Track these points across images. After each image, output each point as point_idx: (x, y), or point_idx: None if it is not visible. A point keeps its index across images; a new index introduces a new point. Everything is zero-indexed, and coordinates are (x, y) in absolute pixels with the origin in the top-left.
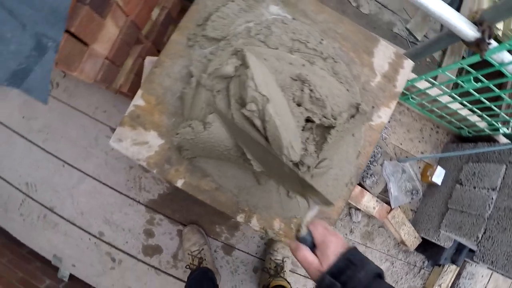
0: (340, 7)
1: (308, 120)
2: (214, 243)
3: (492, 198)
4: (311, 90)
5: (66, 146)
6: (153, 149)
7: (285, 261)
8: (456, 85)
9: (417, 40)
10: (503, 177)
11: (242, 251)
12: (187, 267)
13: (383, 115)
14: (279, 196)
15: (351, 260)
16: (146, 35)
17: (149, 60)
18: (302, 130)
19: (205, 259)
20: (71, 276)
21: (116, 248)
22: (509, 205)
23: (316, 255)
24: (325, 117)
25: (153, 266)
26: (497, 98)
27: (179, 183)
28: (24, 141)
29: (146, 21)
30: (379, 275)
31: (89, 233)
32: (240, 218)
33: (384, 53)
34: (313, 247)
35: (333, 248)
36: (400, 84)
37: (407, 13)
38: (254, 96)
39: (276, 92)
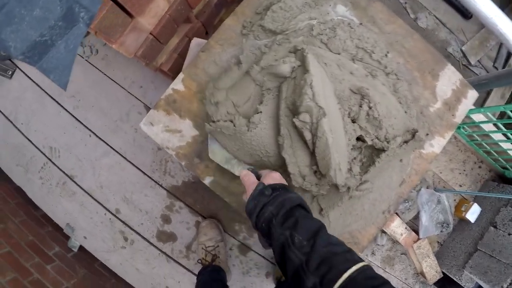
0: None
1: (359, 138)
2: (231, 241)
3: None
4: (370, 108)
5: (96, 116)
6: (185, 139)
7: None
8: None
9: (470, 63)
10: None
11: (258, 253)
12: (199, 261)
13: (436, 145)
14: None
15: (286, 187)
16: (197, 14)
17: (196, 42)
18: (351, 148)
19: (218, 257)
20: (81, 248)
21: (131, 228)
22: None
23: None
24: (378, 139)
25: (164, 253)
26: None
27: (207, 181)
28: (55, 104)
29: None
30: (304, 206)
31: (106, 208)
32: None
33: (449, 78)
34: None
35: (275, 177)
36: (459, 115)
37: (464, 34)
38: (310, 106)
39: (333, 104)
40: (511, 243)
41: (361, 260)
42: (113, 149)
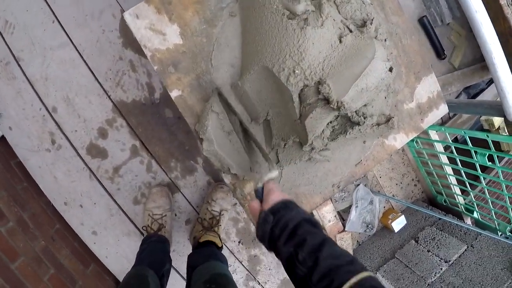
0: None
1: None
2: (162, 176)
3: (442, 269)
4: None
5: (67, 3)
6: (167, 44)
7: (223, 214)
8: (462, 153)
9: None
10: (460, 256)
11: (185, 197)
12: (144, 228)
13: (399, 140)
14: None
15: (286, 204)
16: None
17: None
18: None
19: (164, 226)
20: (2, 139)
21: (63, 131)
22: (453, 282)
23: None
24: (356, 112)
25: (89, 168)
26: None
27: (174, 94)
28: None
29: None
30: (311, 221)
31: (43, 103)
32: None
33: (429, 85)
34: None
35: (274, 197)
36: (427, 122)
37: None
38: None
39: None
40: (428, 259)
41: (364, 270)
42: (73, 43)
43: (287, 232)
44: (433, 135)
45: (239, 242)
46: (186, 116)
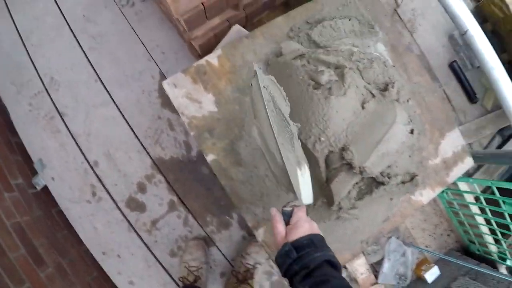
0: None
1: None
2: (198, 230)
3: None
4: None
5: (109, 65)
6: (203, 112)
7: (257, 267)
8: (492, 203)
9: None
10: None
11: (220, 251)
12: (180, 279)
13: (425, 196)
14: None
15: (313, 241)
16: (245, 6)
17: (237, 28)
18: (355, 172)
19: (200, 278)
20: (45, 188)
21: (103, 184)
22: None
23: (286, 230)
24: (381, 173)
25: (128, 220)
26: None
27: (209, 158)
28: (72, 38)
29: None
30: (331, 262)
31: (85, 157)
32: (248, 220)
33: (453, 141)
34: (287, 223)
35: (301, 230)
36: (452, 176)
37: (464, 115)
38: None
39: None
40: None
41: None
42: (114, 102)
43: (306, 271)
44: (462, 185)
45: None
46: (221, 178)
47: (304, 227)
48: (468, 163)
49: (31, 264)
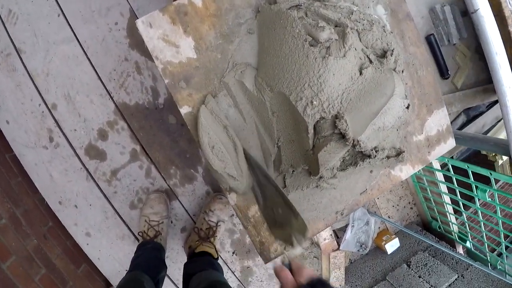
0: None
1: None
2: (160, 183)
3: None
4: None
5: None
6: (180, 57)
7: (219, 225)
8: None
9: None
10: (450, 284)
11: (183, 205)
12: (140, 234)
13: (404, 172)
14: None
15: (323, 283)
16: None
17: None
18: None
19: (161, 233)
20: None
21: (61, 129)
22: None
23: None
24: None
25: (87, 169)
26: None
27: (184, 110)
28: None
29: None
30: None
31: (43, 99)
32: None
33: (440, 119)
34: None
35: (306, 272)
36: (434, 155)
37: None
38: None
39: None
40: (418, 284)
41: None
42: (78, 39)
43: None
44: (435, 163)
45: (233, 252)
46: (193, 130)
47: (309, 270)
48: (450, 143)
49: None
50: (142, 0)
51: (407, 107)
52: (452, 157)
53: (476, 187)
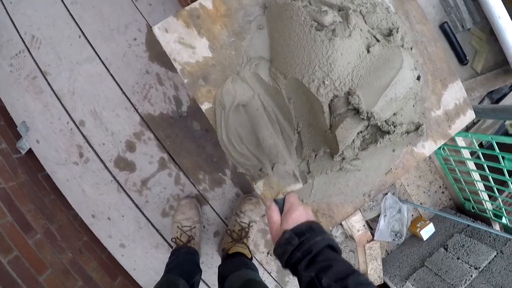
0: None
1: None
2: (190, 189)
3: (472, 276)
4: None
5: (93, 19)
6: (196, 57)
7: (251, 225)
8: (489, 159)
9: None
10: (490, 262)
11: (214, 209)
12: (173, 240)
13: (427, 148)
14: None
15: (312, 227)
16: None
17: None
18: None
19: (194, 238)
20: (30, 152)
21: (90, 144)
22: None
23: (281, 218)
24: (386, 121)
25: (117, 181)
26: None
27: (204, 106)
28: None
29: None
30: (332, 246)
31: (70, 117)
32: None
33: (456, 92)
34: (281, 212)
35: (297, 215)
36: (454, 128)
37: None
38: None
39: None
40: (458, 266)
41: None
42: (99, 57)
43: (309, 257)
44: (460, 141)
45: (267, 253)
46: (214, 123)
47: (299, 212)
48: (470, 116)
49: (19, 231)
50: (157, 14)
51: (418, 78)
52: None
53: (503, 157)
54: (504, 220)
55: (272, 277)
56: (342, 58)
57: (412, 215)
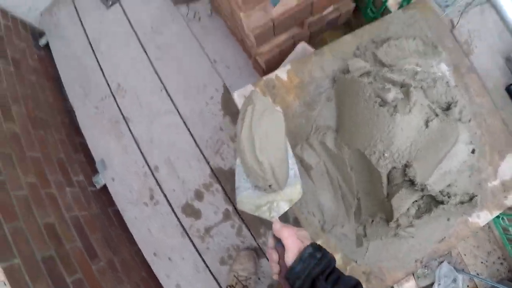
0: None
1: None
2: (250, 241)
3: None
4: None
5: (174, 76)
6: None
7: None
8: None
9: None
10: None
11: None
12: (228, 287)
13: (482, 218)
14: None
15: (320, 246)
16: (310, 24)
17: (303, 45)
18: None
19: None
20: (104, 188)
21: (161, 189)
22: None
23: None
24: (441, 192)
25: (182, 226)
26: None
27: None
28: (140, 49)
29: (320, 10)
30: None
31: (146, 161)
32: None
33: None
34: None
35: (291, 256)
36: (511, 199)
37: None
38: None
39: None
40: None
41: None
42: (178, 111)
43: (328, 270)
44: None
45: None
46: None
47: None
48: None
49: (85, 256)
50: (232, 77)
51: (473, 152)
52: None
53: None
54: None
55: None
56: (402, 133)
57: (468, 286)
